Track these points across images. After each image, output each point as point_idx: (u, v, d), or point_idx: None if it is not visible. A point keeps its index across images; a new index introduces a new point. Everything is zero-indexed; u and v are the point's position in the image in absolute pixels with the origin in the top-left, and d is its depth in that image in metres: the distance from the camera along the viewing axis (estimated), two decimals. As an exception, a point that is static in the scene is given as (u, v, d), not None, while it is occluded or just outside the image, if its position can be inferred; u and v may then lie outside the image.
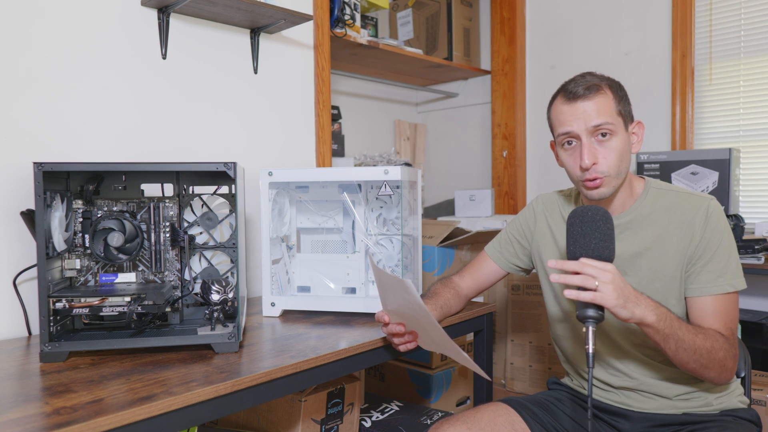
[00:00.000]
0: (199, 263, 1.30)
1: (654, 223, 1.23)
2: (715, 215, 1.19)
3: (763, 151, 2.36)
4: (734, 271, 1.18)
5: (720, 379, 1.16)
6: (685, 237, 1.19)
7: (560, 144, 1.23)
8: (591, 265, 1.02)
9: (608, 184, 1.18)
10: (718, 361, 1.12)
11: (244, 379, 0.98)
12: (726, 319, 1.16)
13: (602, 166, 1.16)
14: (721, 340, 1.13)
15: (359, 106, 3.12)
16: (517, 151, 3.04)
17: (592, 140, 1.17)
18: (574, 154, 1.20)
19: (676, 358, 1.12)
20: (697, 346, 1.10)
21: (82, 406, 0.85)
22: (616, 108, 1.18)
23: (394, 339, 1.22)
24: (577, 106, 1.17)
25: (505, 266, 1.47)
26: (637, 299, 1.05)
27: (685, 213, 1.20)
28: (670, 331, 1.07)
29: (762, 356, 2.07)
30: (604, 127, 1.16)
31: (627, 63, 2.68)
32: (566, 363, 1.43)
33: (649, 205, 1.24)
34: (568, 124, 1.18)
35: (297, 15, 1.69)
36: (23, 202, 1.32)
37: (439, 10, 3.07)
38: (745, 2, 2.38)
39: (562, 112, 1.20)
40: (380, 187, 1.51)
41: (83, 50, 1.45)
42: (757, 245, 2.02)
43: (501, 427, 1.23)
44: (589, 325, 1.01)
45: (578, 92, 1.17)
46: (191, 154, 1.67)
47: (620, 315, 1.03)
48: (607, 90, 1.18)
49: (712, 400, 1.24)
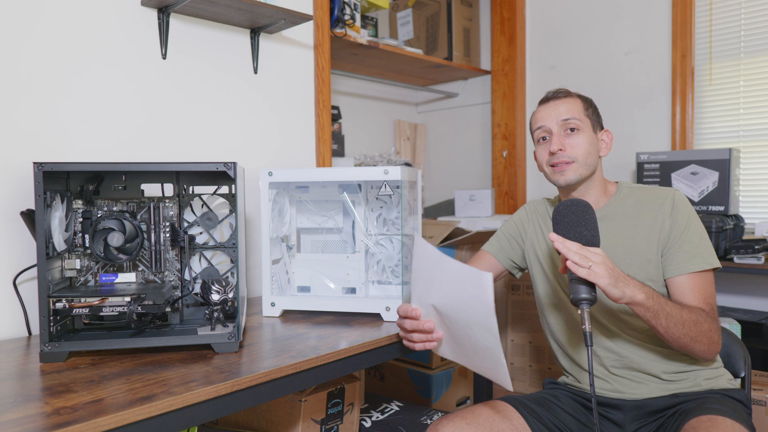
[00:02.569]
0: (199, 263, 1.30)
1: (627, 215, 1.36)
2: (681, 202, 1.32)
3: (763, 151, 2.36)
4: (707, 250, 1.28)
5: (709, 352, 1.22)
6: (655, 223, 1.31)
7: (536, 141, 1.41)
8: (585, 248, 1.10)
9: (575, 170, 1.33)
10: (705, 332, 1.19)
11: (244, 379, 0.98)
12: (705, 295, 1.25)
13: (569, 152, 1.32)
14: (704, 314, 1.20)
15: (359, 106, 3.12)
16: (517, 151, 3.04)
17: (561, 132, 1.35)
18: (546, 146, 1.37)
19: (668, 334, 1.17)
20: (684, 319, 1.17)
21: (82, 406, 0.85)
22: (585, 111, 1.37)
23: (415, 335, 1.17)
24: (549, 105, 1.38)
25: (504, 262, 1.55)
26: (626, 279, 1.12)
27: (653, 202, 1.34)
28: (659, 308, 1.14)
29: (762, 356, 2.07)
30: (572, 121, 1.34)
31: (627, 63, 2.68)
32: (563, 356, 1.46)
33: (622, 202, 1.38)
34: (541, 120, 1.38)
35: (297, 15, 1.69)
36: (23, 202, 1.32)
37: (439, 10, 3.06)
38: (745, 2, 2.38)
39: (538, 112, 1.41)
40: (380, 187, 1.51)
41: (83, 50, 1.45)
42: (757, 245, 2.02)
43: (500, 424, 1.24)
44: (584, 306, 1.07)
45: (550, 95, 1.40)
46: (191, 154, 1.67)
47: (612, 294, 1.09)
48: (576, 98, 1.39)
49: (701, 380, 1.30)
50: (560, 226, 1.15)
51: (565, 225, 1.15)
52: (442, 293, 1.09)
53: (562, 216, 1.16)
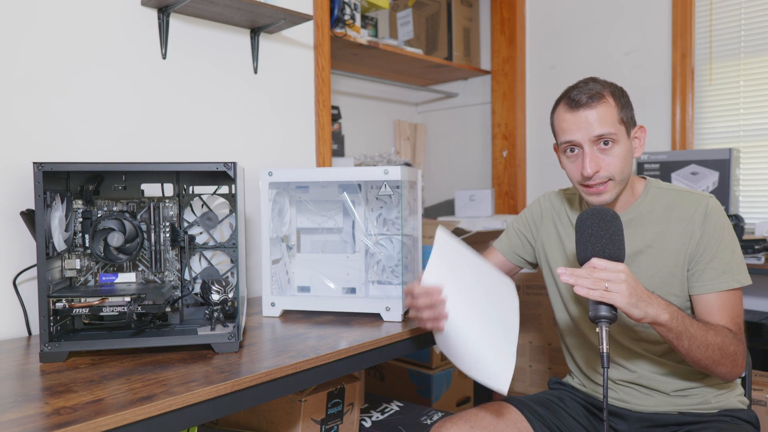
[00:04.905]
0: (199, 263, 1.30)
1: (654, 221, 1.24)
2: (714, 212, 1.20)
3: (763, 151, 2.36)
4: (738, 266, 1.18)
5: (731, 374, 1.16)
6: (684, 234, 1.21)
7: (563, 150, 1.25)
8: (603, 268, 1.02)
9: (611, 189, 1.20)
10: (730, 355, 1.12)
11: (244, 379, 0.98)
12: (732, 315, 1.17)
13: (605, 172, 1.18)
14: (730, 336, 1.13)
15: (359, 106, 3.12)
16: (517, 151, 3.04)
17: (594, 149, 1.18)
18: (576, 161, 1.22)
19: (690, 356, 1.11)
20: (709, 342, 1.10)
21: (82, 406, 0.85)
22: (619, 116, 1.19)
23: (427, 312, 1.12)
24: (579, 114, 1.18)
25: (513, 258, 1.49)
26: (650, 299, 1.05)
27: (685, 211, 1.22)
28: (683, 329, 1.07)
29: (762, 356, 2.07)
30: (606, 136, 1.17)
31: (627, 63, 2.68)
32: (573, 364, 1.43)
33: (650, 204, 1.26)
34: (570, 133, 1.19)
35: (297, 15, 1.69)
36: (23, 202, 1.32)
37: (439, 10, 3.06)
38: (745, 2, 2.38)
39: (565, 120, 1.21)
40: (380, 187, 1.51)
41: (83, 50, 1.45)
42: (757, 245, 2.02)
43: (504, 427, 1.23)
44: (603, 325, 1.00)
45: (581, 100, 1.18)
46: (191, 154, 1.67)
47: (633, 315, 1.03)
48: (609, 98, 1.19)
49: (710, 398, 1.24)
50: (582, 237, 1.07)
51: (587, 236, 1.06)
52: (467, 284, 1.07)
53: (585, 226, 1.07)
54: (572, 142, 1.20)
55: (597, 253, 1.05)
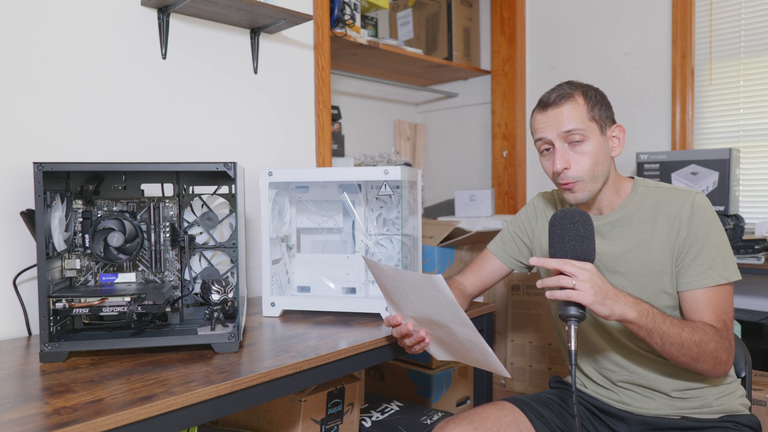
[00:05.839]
0: (199, 263, 1.30)
1: (642, 220, 1.25)
2: (701, 208, 1.20)
3: (763, 151, 2.36)
4: (724, 262, 1.18)
5: (714, 371, 1.16)
6: (672, 231, 1.21)
7: (540, 151, 1.29)
8: (571, 264, 1.05)
9: (582, 189, 1.22)
10: (709, 353, 1.12)
11: (244, 379, 0.98)
12: (718, 311, 1.17)
13: (574, 171, 1.21)
14: (711, 333, 1.13)
15: (359, 106, 3.12)
16: (517, 151, 3.04)
17: (565, 146, 1.22)
18: (550, 159, 1.26)
19: (664, 352, 1.13)
20: (683, 340, 1.11)
21: (82, 406, 0.85)
22: (588, 114, 1.22)
23: (407, 340, 1.19)
24: (548, 113, 1.24)
25: (509, 262, 1.49)
26: (617, 296, 1.07)
27: (671, 208, 1.23)
28: (653, 326, 1.09)
29: (762, 356, 2.07)
30: (575, 132, 1.20)
31: (627, 63, 2.68)
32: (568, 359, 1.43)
33: (637, 203, 1.27)
34: (541, 131, 1.25)
35: (297, 15, 1.69)
36: (23, 202, 1.32)
37: (439, 10, 3.06)
38: (745, 2, 2.38)
39: (537, 120, 1.27)
40: (380, 187, 1.51)
41: (83, 50, 1.45)
42: (757, 245, 2.02)
43: (506, 427, 1.23)
44: (571, 323, 1.04)
45: (549, 100, 1.24)
46: (191, 154, 1.67)
47: (599, 312, 1.05)
48: (579, 97, 1.23)
49: (712, 400, 1.24)
50: (552, 239, 1.10)
51: (557, 237, 1.09)
52: (412, 302, 1.12)
53: (555, 227, 1.10)
54: (543, 139, 1.25)
55: (566, 254, 1.08)
